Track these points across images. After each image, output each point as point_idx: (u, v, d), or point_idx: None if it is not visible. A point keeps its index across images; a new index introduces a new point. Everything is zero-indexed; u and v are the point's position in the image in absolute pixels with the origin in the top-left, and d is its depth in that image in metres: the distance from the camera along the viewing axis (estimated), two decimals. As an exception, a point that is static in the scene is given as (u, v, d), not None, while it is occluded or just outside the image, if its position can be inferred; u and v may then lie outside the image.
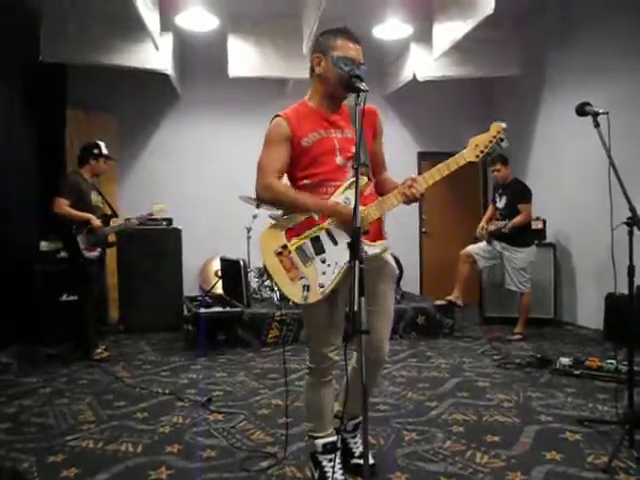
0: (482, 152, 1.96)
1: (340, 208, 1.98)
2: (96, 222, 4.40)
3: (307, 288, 1.97)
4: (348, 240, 1.77)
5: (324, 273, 1.97)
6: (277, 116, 2.10)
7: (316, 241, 2.01)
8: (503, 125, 1.96)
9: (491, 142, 1.96)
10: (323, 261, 1.99)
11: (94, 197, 4.55)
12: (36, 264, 5.13)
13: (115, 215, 4.75)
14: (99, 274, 4.62)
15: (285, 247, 2.02)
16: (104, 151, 4.55)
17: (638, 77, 4.87)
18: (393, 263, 2.23)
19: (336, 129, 2.10)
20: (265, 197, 2.07)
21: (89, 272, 4.45)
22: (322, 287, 1.96)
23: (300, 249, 2.01)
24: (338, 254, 1.96)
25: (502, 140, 1.95)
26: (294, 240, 2.03)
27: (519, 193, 5.08)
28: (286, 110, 2.11)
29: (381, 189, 2.20)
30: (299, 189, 2.10)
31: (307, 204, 2.02)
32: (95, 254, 4.45)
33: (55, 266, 5.15)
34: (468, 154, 1.98)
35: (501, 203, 5.12)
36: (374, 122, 2.20)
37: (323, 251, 2.00)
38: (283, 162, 2.07)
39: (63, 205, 4.31)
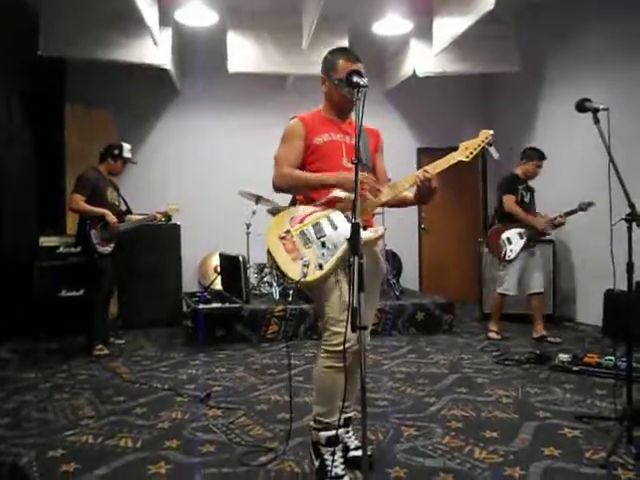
0: (472, 153, 2.16)
1: (346, 175, 2.12)
2: (112, 218, 4.41)
3: (306, 267, 2.09)
4: (348, 226, 1.87)
5: (323, 254, 2.11)
6: (294, 117, 2.33)
7: (317, 226, 2.17)
8: (491, 132, 2.17)
9: (479, 146, 2.17)
10: (323, 244, 2.12)
11: (110, 194, 4.58)
12: (35, 259, 5.12)
13: (129, 212, 4.79)
14: (110, 269, 4.59)
15: (288, 232, 2.18)
16: (125, 154, 4.62)
17: (638, 73, 4.86)
18: (384, 264, 2.45)
19: (345, 134, 2.33)
20: (282, 184, 2.27)
21: (101, 268, 4.45)
22: (321, 267, 2.09)
23: (302, 233, 2.17)
24: (337, 238, 2.11)
25: (490, 145, 2.16)
26: (297, 226, 2.19)
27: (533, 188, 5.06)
28: (303, 114, 2.34)
29: None
30: None
31: (321, 179, 2.21)
32: (108, 249, 4.46)
33: (55, 261, 5.15)
34: (458, 154, 2.17)
35: (528, 198, 4.99)
36: (377, 141, 2.46)
37: (323, 235, 2.14)
38: (296, 156, 2.28)
39: (79, 201, 4.34)
